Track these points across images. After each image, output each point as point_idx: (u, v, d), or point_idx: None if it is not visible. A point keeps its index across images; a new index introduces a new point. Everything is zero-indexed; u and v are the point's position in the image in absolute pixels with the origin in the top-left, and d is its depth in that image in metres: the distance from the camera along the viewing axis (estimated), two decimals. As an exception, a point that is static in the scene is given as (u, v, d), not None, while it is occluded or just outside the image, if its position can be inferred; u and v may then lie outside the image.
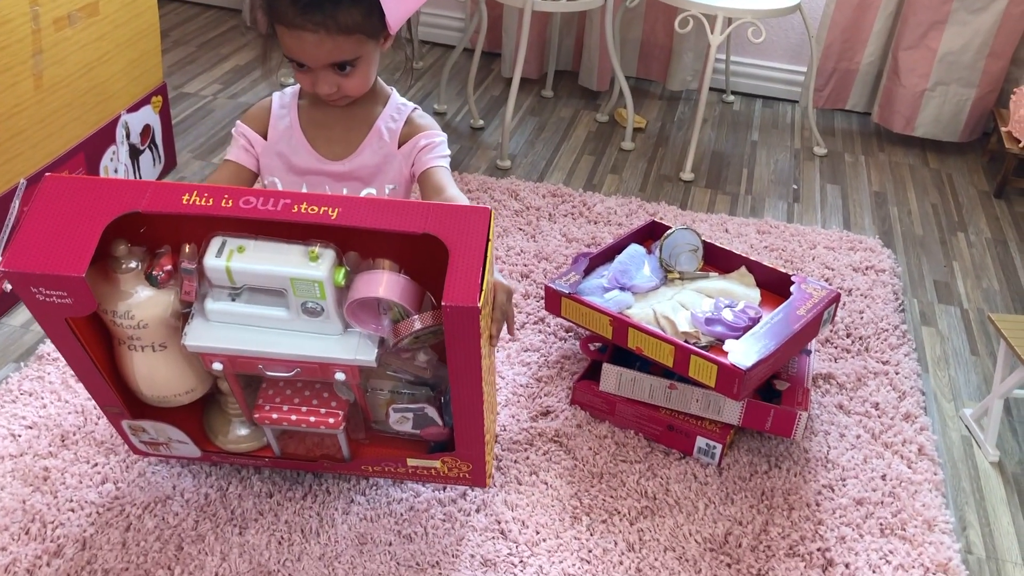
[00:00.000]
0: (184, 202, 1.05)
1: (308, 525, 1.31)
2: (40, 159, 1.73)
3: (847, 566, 1.32)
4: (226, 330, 1.13)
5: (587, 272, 1.66)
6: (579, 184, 2.34)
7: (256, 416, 1.22)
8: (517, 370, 1.65)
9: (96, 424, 1.45)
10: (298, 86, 1.43)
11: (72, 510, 1.31)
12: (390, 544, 1.30)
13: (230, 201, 1.05)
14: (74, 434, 1.43)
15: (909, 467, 1.50)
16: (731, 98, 2.95)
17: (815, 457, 1.51)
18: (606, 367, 1.52)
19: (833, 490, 1.45)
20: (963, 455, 1.59)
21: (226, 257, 1.07)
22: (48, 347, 1.60)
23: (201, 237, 1.10)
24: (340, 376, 1.16)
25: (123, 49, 1.92)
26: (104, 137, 1.91)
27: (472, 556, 1.29)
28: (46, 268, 1.00)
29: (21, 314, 1.72)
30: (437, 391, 1.26)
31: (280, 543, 1.28)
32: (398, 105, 1.41)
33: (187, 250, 1.11)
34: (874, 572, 1.31)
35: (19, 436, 1.42)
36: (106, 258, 1.11)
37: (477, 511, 1.36)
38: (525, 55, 2.36)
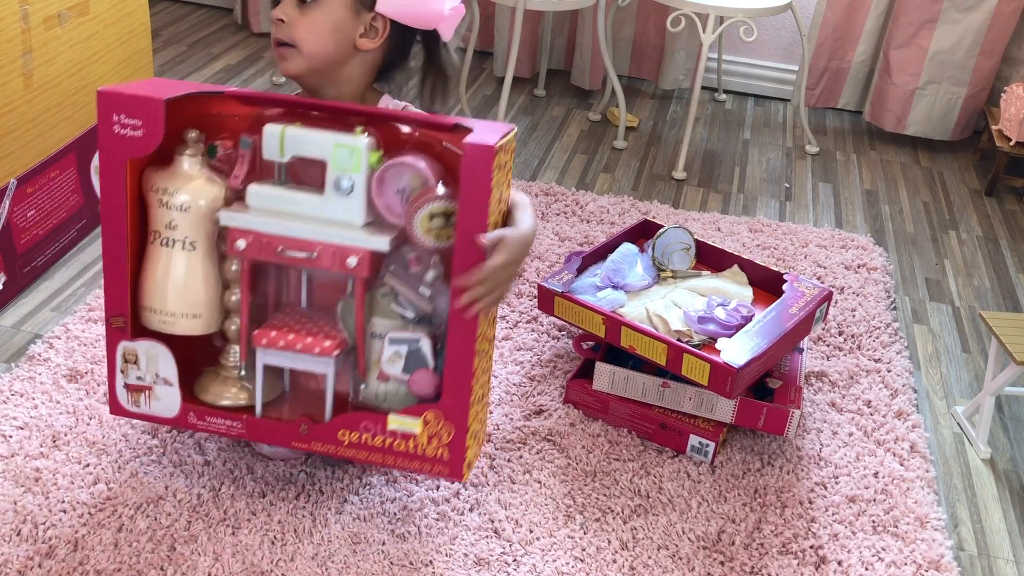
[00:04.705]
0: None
1: (301, 525, 1.31)
2: (30, 159, 1.72)
3: (840, 563, 1.32)
4: (258, 216, 1.21)
5: (580, 271, 1.66)
6: (571, 183, 2.35)
7: (255, 334, 1.24)
8: (510, 369, 1.65)
9: (88, 424, 1.45)
10: (294, 94, 1.41)
11: (64, 511, 1.30)
12: (383, 543, 1.29)
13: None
14: (65, 435, 1.43)
15: (901, 464, 1.50)
16: (723, 97, 2.95)
17: (808, 455, 1.51)
18: (599, 366, 1.52)
19: (826, 488, 1.45)
20: (955, 452, 1.60)
21: (281, 130, 1.20)
22: (39, 348, 1.59)
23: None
24: (352, 261, 1.19)
25: (113, 48, 1.92)
26: (95, 137, 1.89)
27: (466, 555, 1.29)
28: (135, 91, 1.16)
29: (13, 313, 1.71)
30: (434, 335, 1.27)
31: (273, 543, 1.28)
32: (387, 106, 1.39)
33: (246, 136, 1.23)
34: (867, 569, 1.32)
35: (10, 437, 1.41)
36: (172, 148, 1.22)
37: (470, 510, 1.36)
38: (517, 54, 2.36)
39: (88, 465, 1.38)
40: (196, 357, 1.32)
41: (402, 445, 1.26)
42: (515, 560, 1.29)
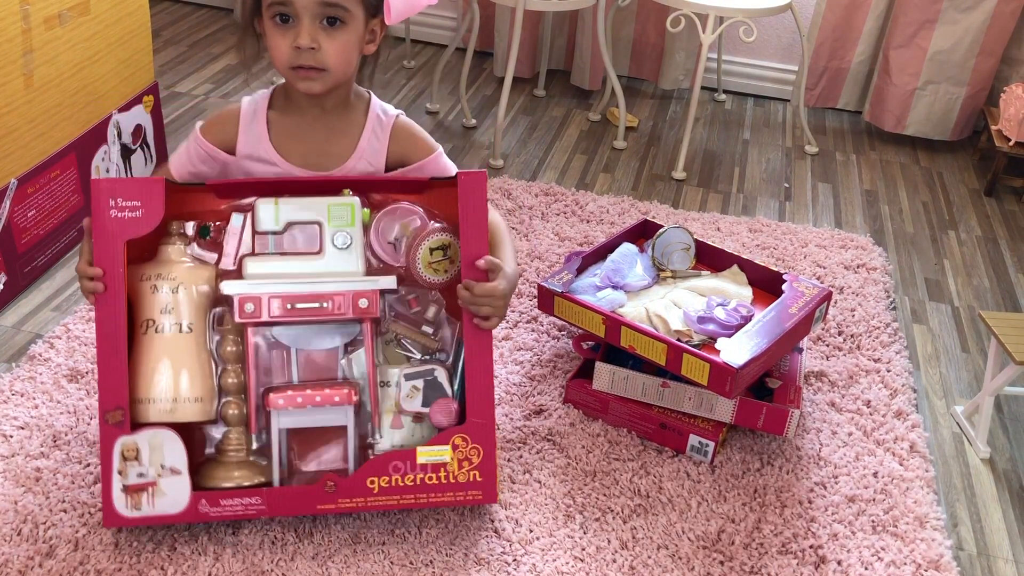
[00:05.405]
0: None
1: (301, 525, 1.31)
2: (31, 159, 1.72)
3: (839, 563, 1.32)
4: (261, 282, 1.25)
5: (580, 271, 1.66)
6: (571, 183, 2.35)
7: (268, 399, 1.24)
8: (510, 368, 1.65)
9: (88, 424, 1.45)
10: (267, 92, 1.36)
11: (64, 511, 1.30)
12: (383, 543, 1.30)
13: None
14: (66, 434, 1.43)
15: (901, 464, 1.50)
16: (723, 97, 2.95)
17: (807, 455, 1.51)
18: (599, 366, 1.52)
19: (825, 487, 1.45)
20: (954, 452, 1.60)
21: (274, 201, 1.27)
22: (40, 347, 1.59)
23: None
24: (364, 302, 1.24)
25: (114, 48, 1.92)
26: (95, 137, 1.90)
27: (466, 555, 1.29)
28: (129, 181, 1.22)
29: (13, 313, 1.71)
30: (445, 366, 1.31)
31: (274, 543, 1.28)
32: (378, 114, 1.36)
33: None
34: (866, 569, 1.32)
35: (11, 437, 1.41)
36: (158, 239, 1.26)
37: (470, 510, 1.36)
38: (517, 54, 2.36)
39: (89, 465, 1.38)
40: (190, 452, 1.26)
41: (433, 478, 1.27)
42: (515, 560, 1.29)
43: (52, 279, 1.81)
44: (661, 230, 1.69)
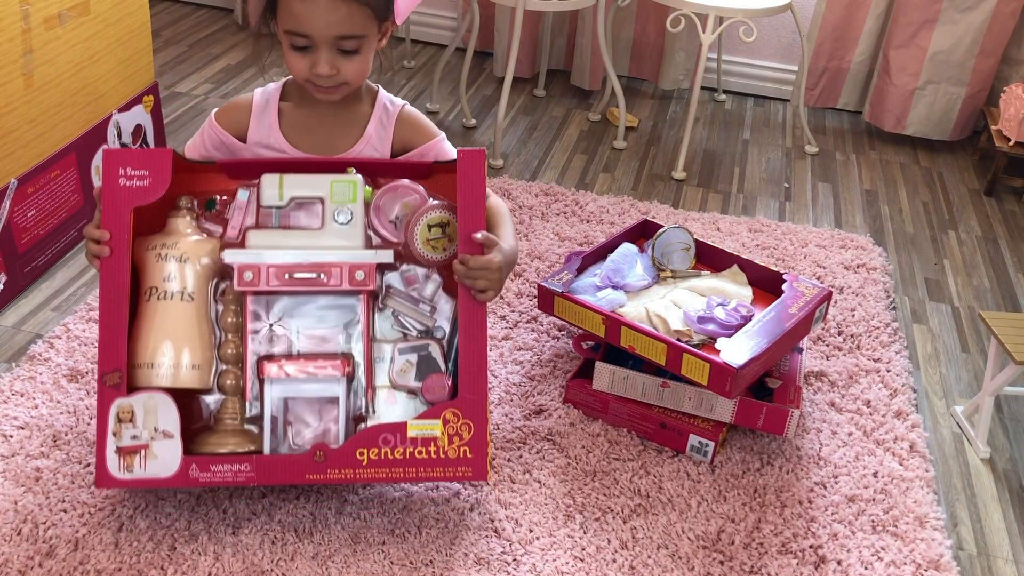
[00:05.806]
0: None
1: (301, 525, 1.31)
2: (31, 159, 1.72)
3: (839, 563, 1.32)
4: (262, 252, 1.28)
5: (580, 271, 1.66)
6: (571, 183, 2.35)
7: (263, 366, 1.26)
8: (510, 368, 1.65)
9: (88, 424, 1.45)
10: (279, 84, 1.40)
11: (64, 510, 1.30)
12: (383, 543, 1.30)
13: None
14: (66, 434, 1.43)
15: (901, 464, 1.50)
16: (723, 97, 2.95)
17: (807, 454, 1.51)
18: (599, 365, 1.52)
19: (825, 487, 1.45)
20: (954, 452, 1.60)
21: (279, 177, 1.29)
22: (40, 347, 1.59)
23: None
24: (360, 274, 1.26)
25: (114, 48, 1.92)
26: (95, 137, 1.90)
27: (466, 555, 1.29)
28: (138, 151, 1.24)
29: (13, 313, 1.71)
30: (440, 341, 1.32)
31: (274, 543, 1.28)
32: (386, 104, 1.40)
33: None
34: (866, 569, 1.32)
35: (11, 437, 1.41)
36: (167, 212, 1.29)
37: (471, 510, 1.36)
38: (517, 54, 2.36)
39: (88, 465, 1.38)
40: (188, 421, 1.27)
41: (423, 452, 1.26)
42: (515, 560, 1.29)
43: (52, 279, 1.81)
44: (661, 230, 1.69)
